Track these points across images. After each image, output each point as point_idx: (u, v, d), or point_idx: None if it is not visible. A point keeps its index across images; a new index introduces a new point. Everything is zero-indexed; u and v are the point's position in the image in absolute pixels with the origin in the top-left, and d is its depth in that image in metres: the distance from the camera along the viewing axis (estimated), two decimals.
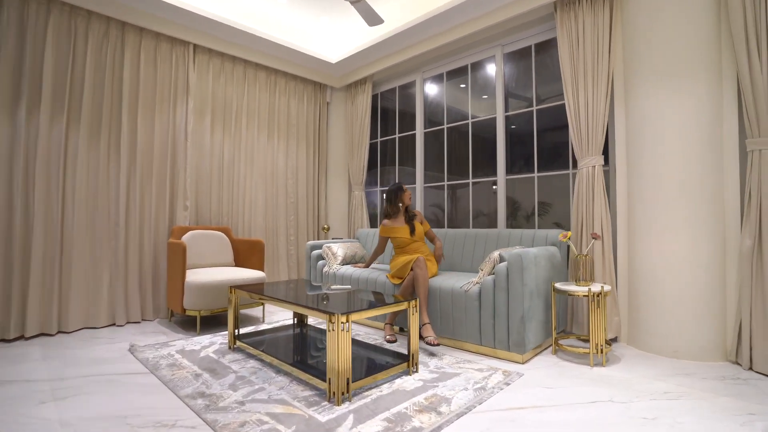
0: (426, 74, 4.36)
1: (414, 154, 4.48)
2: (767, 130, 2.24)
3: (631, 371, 2.25)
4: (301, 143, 4.66)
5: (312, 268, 3.89)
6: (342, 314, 1.84)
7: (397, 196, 3.22)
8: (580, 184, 2.93)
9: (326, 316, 1.87)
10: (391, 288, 3.06)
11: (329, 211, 4.98)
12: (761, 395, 1.93)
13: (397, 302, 2.22)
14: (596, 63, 2.87)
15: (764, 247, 2.23)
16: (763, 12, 2.26)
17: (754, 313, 2.25)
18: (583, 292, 2.39)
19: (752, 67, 2.28)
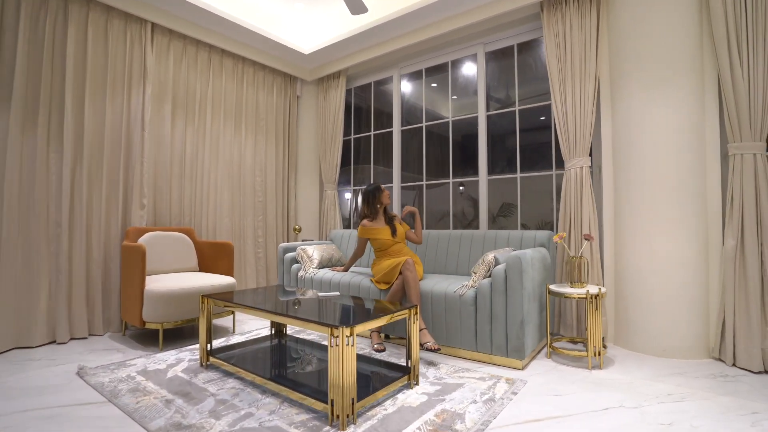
0: (404, 70, 4.23)
1: (389, 153, 4.33)
2: (748, 135, 2.33)
3: (629, 373, 2.25)
4: (270, 138, 4.34)
5: (286, 272, 3.61)
6: (347, 327, 1.64)
7: (375, 196, 3.05)
8: (568, 185, 2.93)
9: (328, 330, 1.65)
10: (377, 293, 2.88)
11: (299, 211, 4.70)
12: (755, 392, 1.97)
13: (399, 310, 2.04)
14: (584, 64, 2.88)
15: (746, 247, 2.31)
16: (744, 22, 2.35)
17: (737, 311, 2.33)
18: (580, 294, 2.36)
19: (734, 74, 2.36)
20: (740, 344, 2.31)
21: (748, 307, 2.29)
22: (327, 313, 2.04)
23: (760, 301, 2.27)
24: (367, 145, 4.61)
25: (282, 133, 4.46)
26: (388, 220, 3.05)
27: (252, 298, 2.40)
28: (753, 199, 2.30)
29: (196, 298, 2.76)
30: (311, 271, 3.39)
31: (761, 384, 2.08)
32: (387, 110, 4.54)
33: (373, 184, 3.07)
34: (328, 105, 4.53)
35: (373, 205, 3.05)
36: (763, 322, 2.26)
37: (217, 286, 2.90)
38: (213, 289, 2.86)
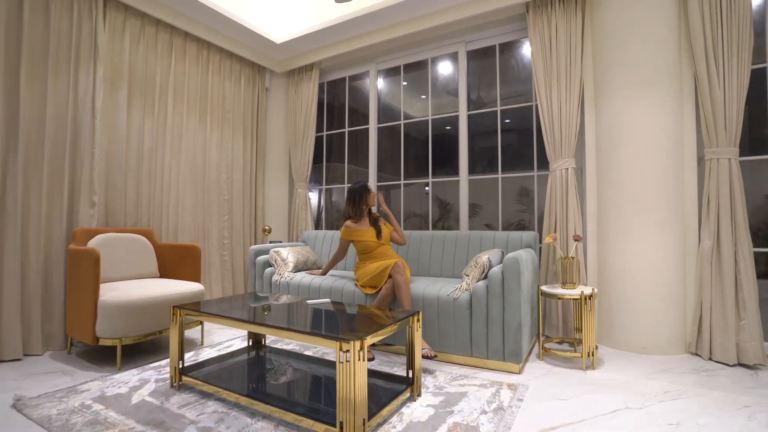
0: (381, 65, 4.09)
1: (363, 151, 4.18)
2: (724, 141, 2.46)
3: (621, 372, 2.27)
4: (237, 132, 4.02)
5: (257, 277, 3.34)
6: (357, 340, 1.47)
7: (362, 197, 2.90)
8: (554, 186, 2.95)
9: (336, 344, 1.48)
10: (362, 298, 2.72)
11: (267, 210, 4.40)
12: (738, 386, 2.06)
13: (406, 317, 1.90)
14: (569, 66, 2.91)
15: (722, 247, 2.43)
16: (720, 34, 2.47)
17: (713, 308, 2.44)
18: (574, 296, 2.36)
19: (711, 82, 2.48)
20: (716, 339, 2.42)
21: (724, 304, 2.41)
22: (327, 323, 1.86)
23: (734, 298, 2.39)
24: (340, 143, 4.42)
25: (250, 128, 4.15)
26: (372, 221, 2.90)
27: (234, 308, 2.15)
28: (728, 201, 2.43)
29: (161, 309, 2.45)
30: (287, 276, 3.16)
31: (739, 377, 2.18)
32: (362, 107, 4.39)
33: (360, 183, 2.91)
34: (299, 99, 4.28)
35: (358, 206, 2.89)
36: (737, 318, 2.39)
37: (185, 294, 2.60)
38: (180, 297, 2.56)
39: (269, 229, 4.02)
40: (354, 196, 2.90)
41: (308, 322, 1.92)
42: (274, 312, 2.11)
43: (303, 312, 2.09)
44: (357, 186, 2.90)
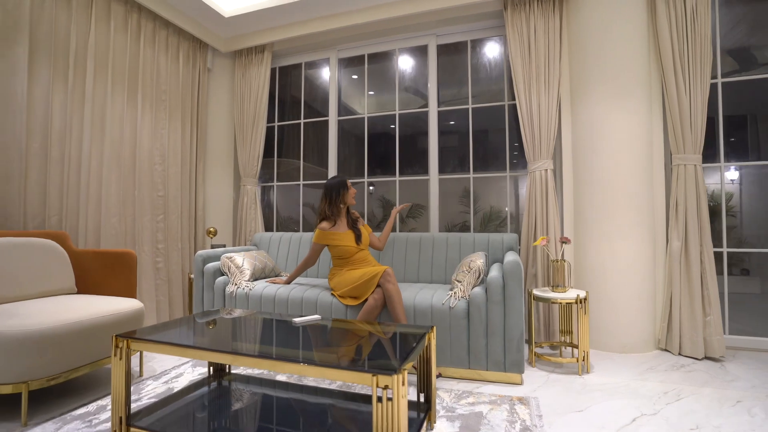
0: (343, 53, 3.77)
1: (322, 146, 3.83)
2: (690, 148, 2.61)
3: (614, 374, 2.27)
4: (175, 117, 3.40)
5: (206, 288, 2.81)
6: (398, 373, 1.18)
7: (340, 194, 2.58)
8: (533, 188, 2.91)
9: (372, 379, 1.17)
10: (341, 310, 2.40)
11: (209, 209, 3.81)
12: (717, 379, 2.16)
13: (425, 333, 1.64)
14: (548, 67, 2.90)
15: (690, 248, 2.57)
16: (686, 49, 2.62)
17: (682, 305, 2.58)
18: (568, 299, 2.31)
19: (679, 92, 2.62)
20: (686, 335, 2.56)
21: (692, 302, 2.56)
22: (343, 349, 1.53)
23: (701, 295, 2.55)
24: (292, 135, 3.99)
25: (189, 113, 3.54)
26: (351, 222, 2.59)
27: (203, 333, 1.70)
28: (695, 205, 2.58)
29: (87, 337, 1.88)
30: (245, 286, 2.69)
31: (714, 370, 2.30)
32: (318, 98, 4.02)
33: (337, 178, 2.58)
34: (248, 83, 3.77)
35: (335, 204, 2.56)
36: (703, 315, 2.54)
37: (119, 314, 2.04)
38: (114, 320, 2.00)
39: (215, 230, 3.46)
40: (331, 192, 2.56)
41: (316, 348, 1.57)
42: (258, 336, 1.71)
43: (295, 334, 1.72)
44: (334, 181, 2.57)
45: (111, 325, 1.99)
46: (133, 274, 2.36)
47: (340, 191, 2.58)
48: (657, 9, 2.69)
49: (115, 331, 2.00)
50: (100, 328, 1.94)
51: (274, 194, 3.97)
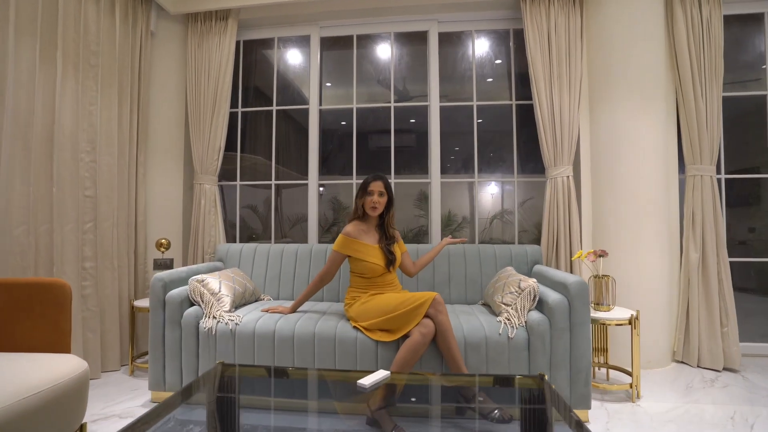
0: (326, 31, 3.21)
1: (299, 139, 3.24)
2: (707, 159, 2.61)
3: (662, 398, 2.12)
4: (108, 90, 2.53)
5: (170, 323, 2.06)
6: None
7: (359, 196, 2.11)
8: (553, 195, 2.70)
9: None
10: (370, 350, 1.89)
11: (153, 215, 2.95)
12: (757, 395, 2.13)
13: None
14: (570, 66, 2.71)
15: (707, 259, 2.57)
16: (702, 61, 2.61)
17: (701, 317, 2.56)
18: (621, 321, 2.11)
19: (697, 104, 2.61)
20: (704, 347, 2.54)
21: (710, 313, 2.55)
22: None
23: (718, 307, 2.55)
24: (264, 124, 3.32)
25: (128, 87, 2.67)
26: (384, 236, 2.09)
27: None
28: (711, 216, 2.58)
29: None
30: (228, 319, 2.03)
31: (744, 384, 2.29)
32: (297, 77, 3.40)
33: (369, 176, 2.09)
34: (206, 57, 3.00)
35: (358, 206, 2.07)
36: (720, 326, 2.55)
37: (49, 388, 1.29)
38: (42, 399, 1.25)
39: (167, 243, 2.65)
40: (359, 190, 2.08)
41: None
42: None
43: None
44: (366, 177, 2.08)
45: (37, 410, 1.24)
46: (65, 315, 1.59)
47: (359, 192, 2.08)
48: (675, 16, 2.66)
49: (46, 418, 1.26)
50: (18, 420, 1.19)
51: (237, 196, 3.24)
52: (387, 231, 2.09)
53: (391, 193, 2.09)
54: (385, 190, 2.06)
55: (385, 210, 2.09)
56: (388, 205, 2.09)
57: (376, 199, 2.05)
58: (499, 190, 4.31)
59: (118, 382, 2.33)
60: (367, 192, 2.07)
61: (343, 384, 1.56)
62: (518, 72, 3.06)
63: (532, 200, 3.62)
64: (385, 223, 2.10)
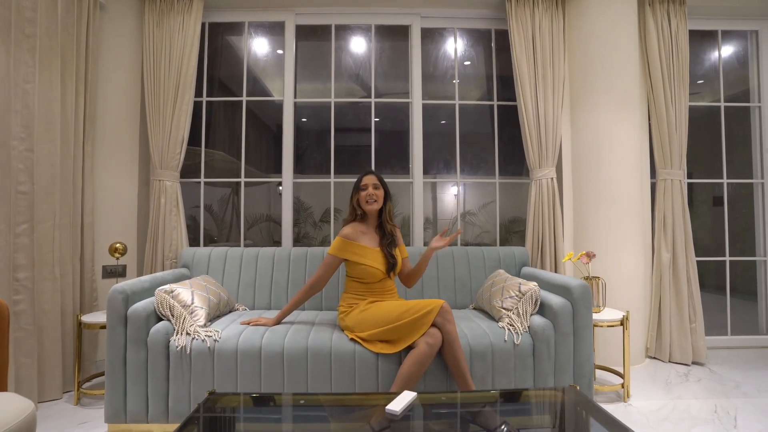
0: (302, 18, 2.99)
1: (261, 135, 3.01)
2: (677, 164, 2.75)
3: (650, 396, 2.17)
4: (49, 66, 2.14)
5: (133, 343, 1.75)
6: None
7: (354, 191, 1.95)
8: (538, 197, 2.70)
9: None
10: (370, 363, 1.74)
11: (102, 214, 2.56)
12: (728, 387, 2.26)
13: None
14: (554, 68, 2.73)
15: (678, 259, 2.70)
16: (672, 65, 2.75)
17: (672, 314, 2.69)
18: (613, 322, 2.13)
19: (668, 110, 2.74)
20: (675, 342, 2.67)
21: (680, 311, 2.68)
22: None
23: (687, 304, 2.69)
24: (231, 118, 3.03)
25: (73, 64, 2.28)
26: (384, 238, 1.94)
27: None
28: (681, 218, 2.72)
29: None
30: (204, 335, 1.77)
31: (714, 377, 2.42)
32: (269, 65, 3.15)
33: (364, 171, 1.93)
34: (166, 38, 2.66)
35: (353, 206, 1.91)
36: (689, 322, 2.69)
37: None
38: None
39: (123, 247, 2.29)
40: (352, 190, 1.91)
41: None
42: None
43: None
44: (357, 177, 1.92)
45: None
46: (2, 344, 1.27)
47: (353, 192, 1.93)
48: (647, 27, 2.77)
49: None
50: None
51: (202, 194, 2.92)
52: (386, 228, 1.95)
53: (386, 186, 1.95)
54: (379, 183, 1.92)
55: (383, 207, 1.95)
56: (384, 200, 1.95)
57: (371, 192, 1.91)
58: (462, 191, 4.33)
59: (62, 414, 1.96)
60: (361, 187, 1.92)
61: (366, 409, 1.39)
62: (499, 73, 3.04)
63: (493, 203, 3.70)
64: (383, 219, 1.96)
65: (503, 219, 3.57)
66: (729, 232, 3.04)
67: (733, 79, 3.18)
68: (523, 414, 1.36)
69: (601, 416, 1.15)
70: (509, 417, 1.26)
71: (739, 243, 3.17)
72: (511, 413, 1.29)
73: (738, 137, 3.15)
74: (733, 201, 3.20)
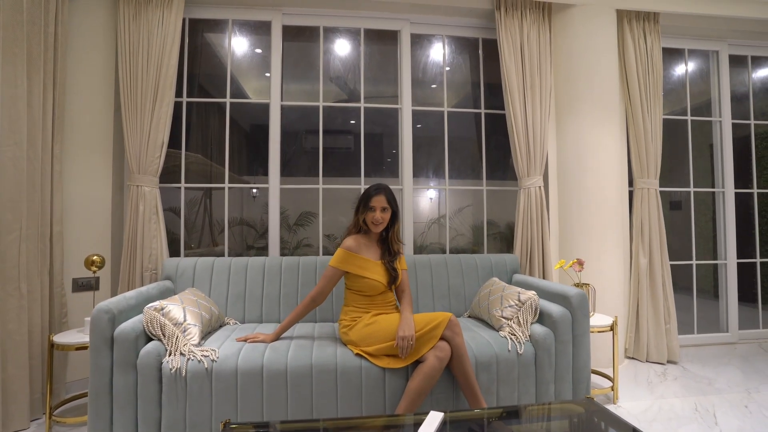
0: (289, 18, 2.90)
1: (237, 138, 2.90)
2: (653, 173, 2.91)
3: (636, 397, 2.28)
4: (11, 59, 1.93)
5: (120, 366, 1.61)
6: None
7: (363, 204, 1.90)
8: (527, 205, 2.76)
9: None
10: (377, 378, 1.70)
11: (71, 223, 2.34)
12: (703, 384, 2.41)
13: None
14: (541, 77, 2.80)
15: (654, 264, 2.85)
16: (648, 81, 2.91)
17: (649, 317, 2.84)
18: (602, 328, 2.22)
19: (645, 122, 2.89)
20: (652, 343, 2.82)
21: (656, 313, 2.84)
22: None
23: (662, 306, 2.85)
24: (213, 120, 2.88)
25: (41, 58, 2.07)
26: (387, 252, 1.90)
27: None
28: (657, 225, 2.87)
29: None
30: (201, 355, 1.67)
31: (689, 375, 2.58)
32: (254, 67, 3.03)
33: (371, 188, 1.87)
34: (144, 33, 2.48)
35: (358, 219, 1.86)
36: (664, 323, 2.84)
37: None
38: None
39: (101, 260, 2.11)
40: (358, 205, 1.86)
41: None
42: None
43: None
44: (365, 191, 1.86)
45: None
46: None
47: (364, 201, 1.87)
48: (626, 43, 2.90)
49: None
50: None
51: (182, 200, 2.75)
52: (391, 246, 1.92)
53: (395, 206, 1.91)
54: (388, 205, 1.88)
55: (389, 224, 1.91)
56: (392, 219, 1.91)
57: (379, 216, 1.86)
58: (437, 196, 4.38)
59: None
60: (369, 207, 1.87)
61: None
62: (486, 81, 3.09)
63: (469, 207, 3.79)
64: (390, 238, 1.92)
65: (478, 222, 3.66)
66: (686, 236, 3.25)
67: (695, 92, 3.41)
68: (547, 429, 1.37)
69: (623, 427, 1.18)
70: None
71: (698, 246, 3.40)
72: (538, 430, 1.29)
73: (696, 147, 3.35)
74: (686, 207, 3.41)
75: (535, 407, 1.52)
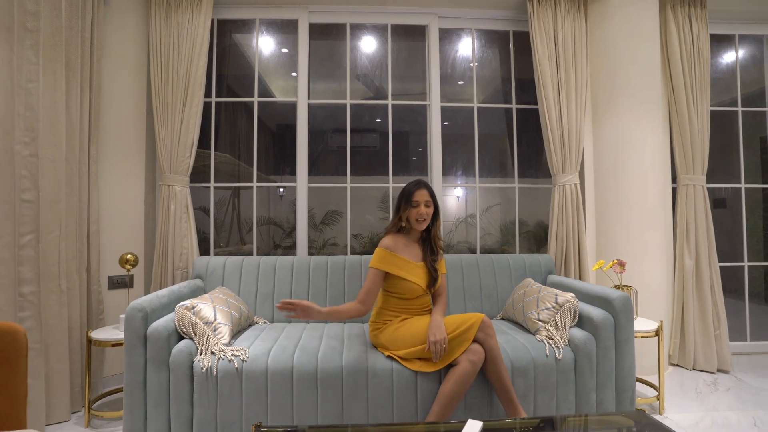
0: (315, 16, 2.88)
1: (261, 136, 2.90)
2: (699, 169, 2.72)
3: (685, 408, 2.13)
4: (52, 63, 1.99)
5: (153, 364, 1.63)
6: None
7: (400, 208, 1.83)
8: (562, 203, 2.64)
9: None
10: (409, 381, 1.65)
11: (105, 223, 2.40)
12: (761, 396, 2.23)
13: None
14: (576, 71, 2.67)
15: (701, 265, 2.67)
16: (694, 71, 2.72)
17: (695, 321, 2.66)
18: (645, 333, 2.08)
19: (690, 116, 2.71)
20: (699, 350, 2.64)
21: (704, 317, 2.65)
22: None
23: (711, 311, 2.66)
24: (240, 119, 2.90)
25: (77, 62, 2.13)
26: (428, 252, 1.84)
27: None
28: (704, 224, 2.69)
29: None
30: (231, 355, 1.66)
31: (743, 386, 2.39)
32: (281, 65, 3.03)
33: (410, 183, 1.82)
34: (174, 35, 2.51)
35: (397, 217, 1.81)
36: (713, 329, 2.66)
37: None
38: None
39: (134, 258, 2.16)
40: (398, 202, 1.81)
41: None
42: None
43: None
44: (405, 187, 1.81)
45: None
46: (19, 374, 1.15)
47: (401, 203, 1.82)
48: (669, 32, 2.73)
49: None
50: None
51: (212, 200, 2.78)
52: (435, 244, 1.86)
53: (436, 201, 1.86)
54: (431, 199, 1.82)
55: (431, 221, 1.85)
56: (435, 215, 1.85)
57: (423, 211, 1.79)
58: (464, 194, 4.28)
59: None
60: (412, 203, 1.81)
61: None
62: (517, 76, 2.98)
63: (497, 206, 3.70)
64: (432, 236, 1.86)
65: (506, 221, 3.57)
66: (733, 236, 3.03)
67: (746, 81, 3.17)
68: None
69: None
70: None
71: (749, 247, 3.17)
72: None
73: (744, 140, 3.11)
74: (732, 205, 3.17)
75: (584, 418, 1.43)
